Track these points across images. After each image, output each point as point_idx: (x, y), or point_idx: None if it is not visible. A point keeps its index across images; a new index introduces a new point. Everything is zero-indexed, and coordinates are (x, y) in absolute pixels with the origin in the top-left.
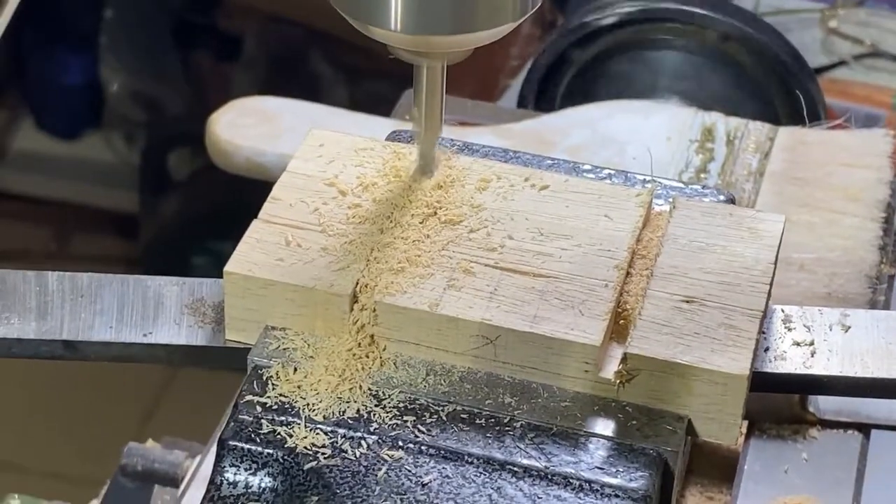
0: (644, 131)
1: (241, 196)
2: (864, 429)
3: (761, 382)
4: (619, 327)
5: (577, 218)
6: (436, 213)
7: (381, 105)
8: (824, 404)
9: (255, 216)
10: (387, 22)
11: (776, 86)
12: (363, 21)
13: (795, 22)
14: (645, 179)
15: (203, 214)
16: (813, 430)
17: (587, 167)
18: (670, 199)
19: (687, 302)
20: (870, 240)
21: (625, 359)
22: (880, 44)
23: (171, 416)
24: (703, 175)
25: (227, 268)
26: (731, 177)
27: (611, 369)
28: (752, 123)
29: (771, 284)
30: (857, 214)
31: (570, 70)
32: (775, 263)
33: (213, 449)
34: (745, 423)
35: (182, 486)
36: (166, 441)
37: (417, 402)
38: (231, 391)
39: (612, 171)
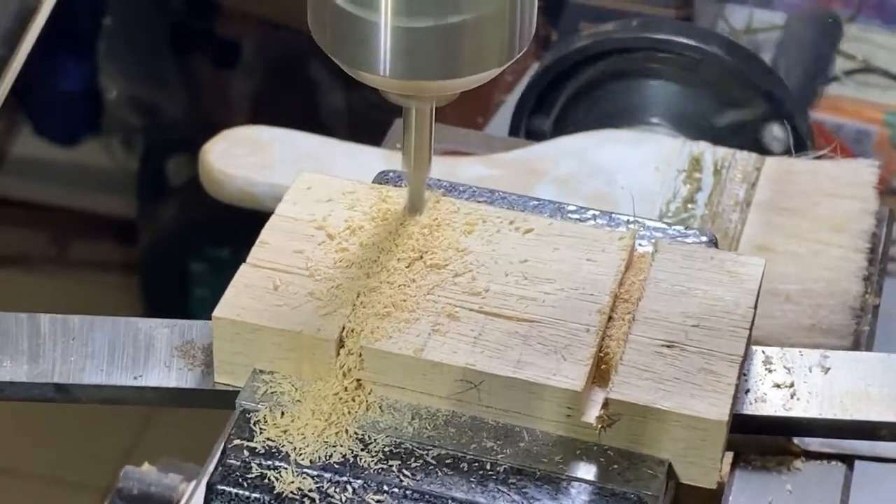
0: (632, 161)
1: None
2: (848, 460)
3: (741, 424)
4: (600, 371)
5: (561, 261)
6: (422, 258)
7: (377, 111)
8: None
9: (253, 223)
10: (376, 68)
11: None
12: (353, 67)
13: None
14: (629, 220)
15: (201, 220)
16: (797, 461)
17: (572, 208)
18: (653, 241)
19: (668, 347)
20: (854, 271)
21: (606, 404)
22: (872, 59)
23: (172, 419)
24: (690, 205)
25: (216, 313)
26: (717, 207)
27: (593, 414)
28: (739, 153)
29: (751, 328)
30: (841, 245)
31: (561, 98)
32: (755, 307)
33: (204, 480)
34: (731, 454)
35: None
36: (162, 464)
37: (403, 446)
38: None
39: (597, 213)
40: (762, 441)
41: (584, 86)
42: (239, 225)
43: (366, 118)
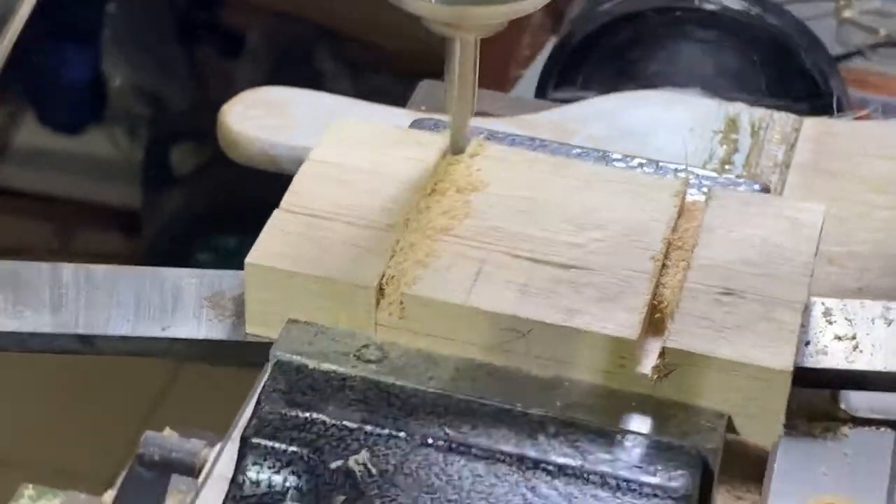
0: (666, 122)
1: (245, 191)
2: None
3: (801, 378)
4: (654, 320)
5: (611, 208)
6: (464, 202)
7: (383, 100)
8: (856, 401)
9: (259, 211)
10: None
11: (798, 78)
12: None
13: (810, 12)
14: (677, 169)
15: (207, 210)
16: (844, 427)
17: (617, 156)
18: (704, 189)
19: (726, 294)
20: None
21: (662, 353)
22: (895, 34)
23: (176, 412)
24: (727, 167)
25: (249, 259)
26: (756, 168)
27: (647, 364)
28: (777, 114)
29: (811, 276)
30: (887, 207)
31: (592, 58)
32: (816, 254)
33: (234, 437)
34: None
35: (201, 477)
36: (183, 430)
37: (447, 398)
38: (238, 384)
39: (643, 161)
40: (809, 406)
41: (609, 51)
42: (245, 213)
43: None
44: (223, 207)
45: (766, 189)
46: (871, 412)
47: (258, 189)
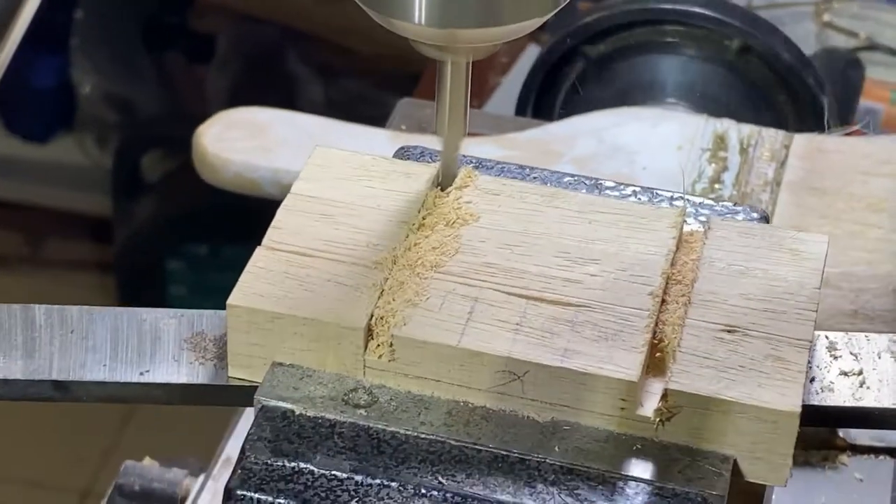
0: (653, 140)
1: (216, 199)
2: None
3: (808, 416)
4: (655, 360)
5: (605, 241)
6: (454, 238)
7: (357, 105)
8: (855, 429)
9: (231, 219)
10: (410, 14)
11: (785, 92)
12: (384, 14)
13: (789, 15)
14: (672, 197)
15: (178, 217)
16: (843, 455)
17: (610, 184)
18: (701, 219)
19: (729, 332)
20: (895, 252)
21: (665, 395)
22: (875, 37)
23: (152, 421)
24: (717, 185)
25: (231, 300)
26: (746, 187)
27: (649, 406)
28: (766, 130)
29: (816, 311)
30: (881, 226)
31: (571, 75)
32: (820, 287)
33: (215, 475)
34: None
35: None
36: (163, 458)
37: (440, 444)
38: None
39: (637, 189)
40: (807, 434)
41: (593, 63)
42: (217, 221)
43: (345, 111)
44: (194, 215)
45: (765, 217)
46: (870, 440)
47: (229, 197)
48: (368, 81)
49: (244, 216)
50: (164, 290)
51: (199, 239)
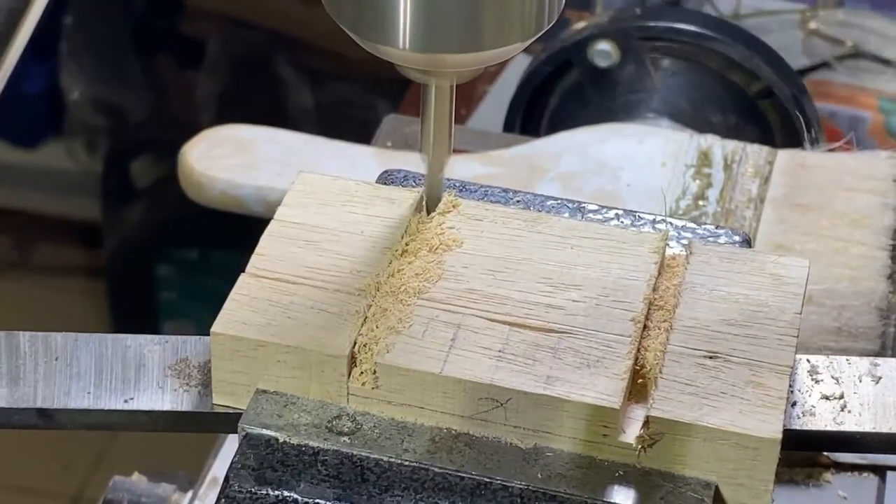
0: (638, 157)
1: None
2: (879, 471)
3: (789, 441)
4: (637, 386)
5: (588, 266)
6: (437, 264)
7: (346, 109)
8: None
9: (219, 224)
10: (394, 40)
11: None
12: (369, 40)
13: (776, 23)
14: (654, 220)
15: (167, 222)
16: (827, 473)
17: (593, 207)
18: (683, 242)
19: (710, 357)
20: (878, 269)
21: (647, 422)
22: (862, 44)
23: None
24: (700, 202)
25: (214, 328)
26: (730, 203)
27: (631, 433)
28: (750, 146)
29: (797, 336)
30: (863, 242)
31: (558, 91)
32: (801, 312)
33: (201, 495)
34: None
35: None
36: (152, 472)
37: (423, 471)
38: None
39: (620, 212)
40: (789, 451)
41: (579, 81)
42: (206, 226)
43: (334, 116)
44: (184, 220)
45: (747, 241)
46: (853, 457)
47: None
48: (358, 86)
49: (234, 221)
50: (154, 295)
51: (189, 244)
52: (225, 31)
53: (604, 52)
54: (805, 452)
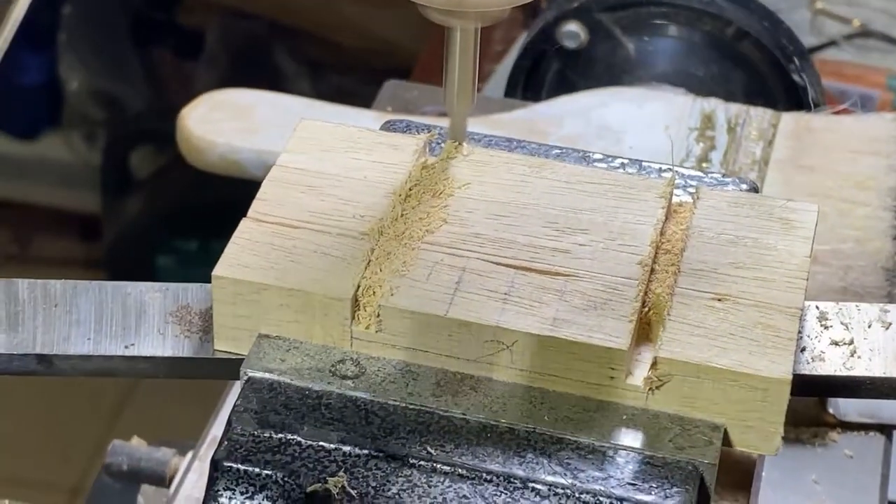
0: (641, 120)
1: (205, 194)
2: (886, 430)
3: (798, 385)
4: (644, 328)
5: (595, 210)
6: (441, 209)
7: (345, 99)
8: (844, 406)
9: (220, 214)
10: None
11: (773, 70)
12: None
13: (784, 3)
14: (661, 168)
15: (167, 213)
16: (833, 432)
17: (598, 156)
18: (690, 190)
19: (719, 300)
20: (884, 230)
21: (655, 363)
22: (870, 23)
23: (141, 416)
24: (704, 164)
25: (216, 272)
26: (734, 166)
27: (639, 375)
28: (754, 109)
29: (807, 279)
30: (868, 203)
31: (560, 56)
32: (811, 256)
33: (202, 455)
34: None
35: (174, 486)
36: (152, 438)
37: (428, 414)
38: (204, 389)
39: (626, 161)
40: (796, 411)
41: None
42: (206, 216)
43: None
44: (183, 211)
45: (754, 188)
46: (860, 417)
47: (218, 192)
48: (356, 76)
49: (233, 211)
50: None
51: (188, 234)
52: (223, 22)
53: (572, 32)
54: (811, 412)
